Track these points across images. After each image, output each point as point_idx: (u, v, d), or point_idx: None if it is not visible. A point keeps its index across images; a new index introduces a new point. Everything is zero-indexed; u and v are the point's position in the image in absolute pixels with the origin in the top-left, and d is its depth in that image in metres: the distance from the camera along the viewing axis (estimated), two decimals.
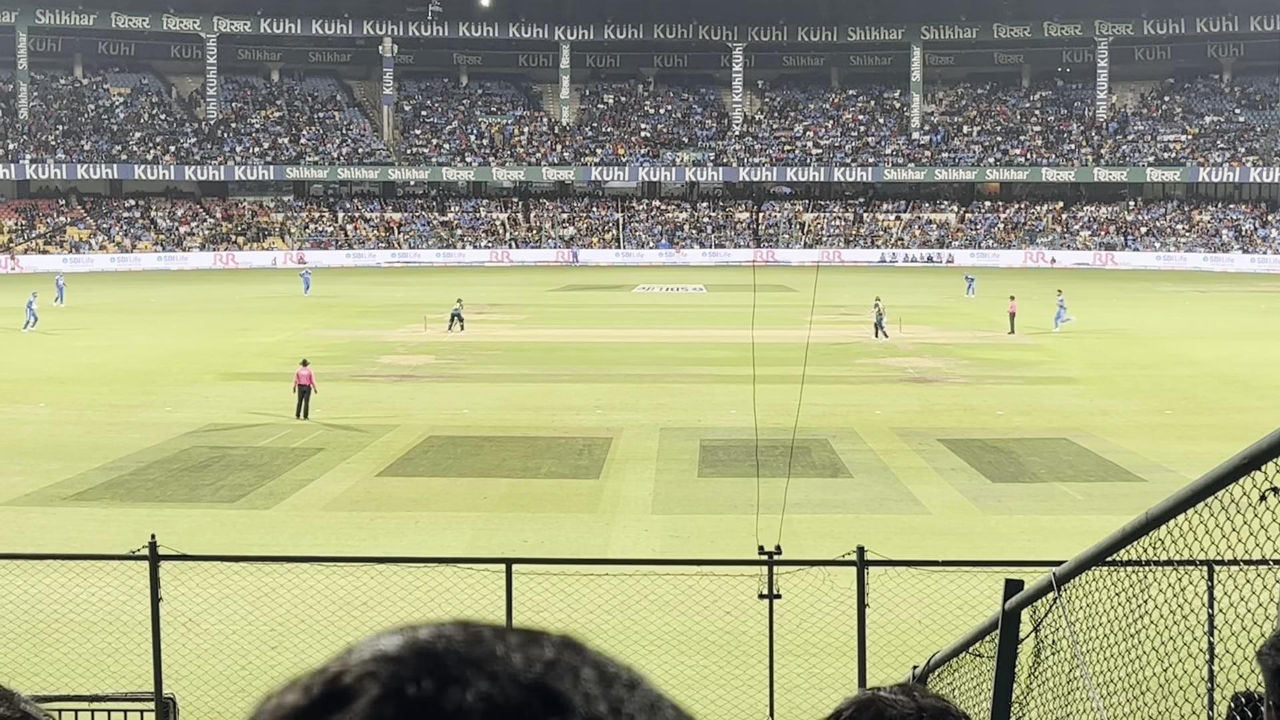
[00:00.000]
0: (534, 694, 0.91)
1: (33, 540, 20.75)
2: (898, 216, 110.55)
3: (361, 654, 0.93)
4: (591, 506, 24.21)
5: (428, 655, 0.92)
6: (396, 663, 0.92)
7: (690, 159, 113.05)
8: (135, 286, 78.03)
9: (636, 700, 0.95)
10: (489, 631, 0.96)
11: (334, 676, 0.92)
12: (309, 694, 0.92)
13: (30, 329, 52.49)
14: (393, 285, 79.29)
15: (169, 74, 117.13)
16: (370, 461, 28.21)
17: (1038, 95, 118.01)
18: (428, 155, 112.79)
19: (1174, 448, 28.94)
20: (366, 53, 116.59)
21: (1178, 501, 4.62)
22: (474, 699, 0.90)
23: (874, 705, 1.87)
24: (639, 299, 72.05)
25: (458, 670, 0.91)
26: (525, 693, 0.91)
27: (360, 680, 0.90)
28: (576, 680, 0.93)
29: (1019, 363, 44.00)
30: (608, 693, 0.94)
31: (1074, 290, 74.39)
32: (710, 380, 39.41)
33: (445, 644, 0.93)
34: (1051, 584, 5.92)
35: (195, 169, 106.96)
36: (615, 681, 0.96)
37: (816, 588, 14.43)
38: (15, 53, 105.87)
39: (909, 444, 29.95)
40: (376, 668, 0.91)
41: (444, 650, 0.93)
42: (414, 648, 0.93)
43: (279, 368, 39.67)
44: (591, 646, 0.98)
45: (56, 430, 31.72)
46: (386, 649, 0.93)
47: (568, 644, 0.97)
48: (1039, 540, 21.04)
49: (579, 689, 0.92)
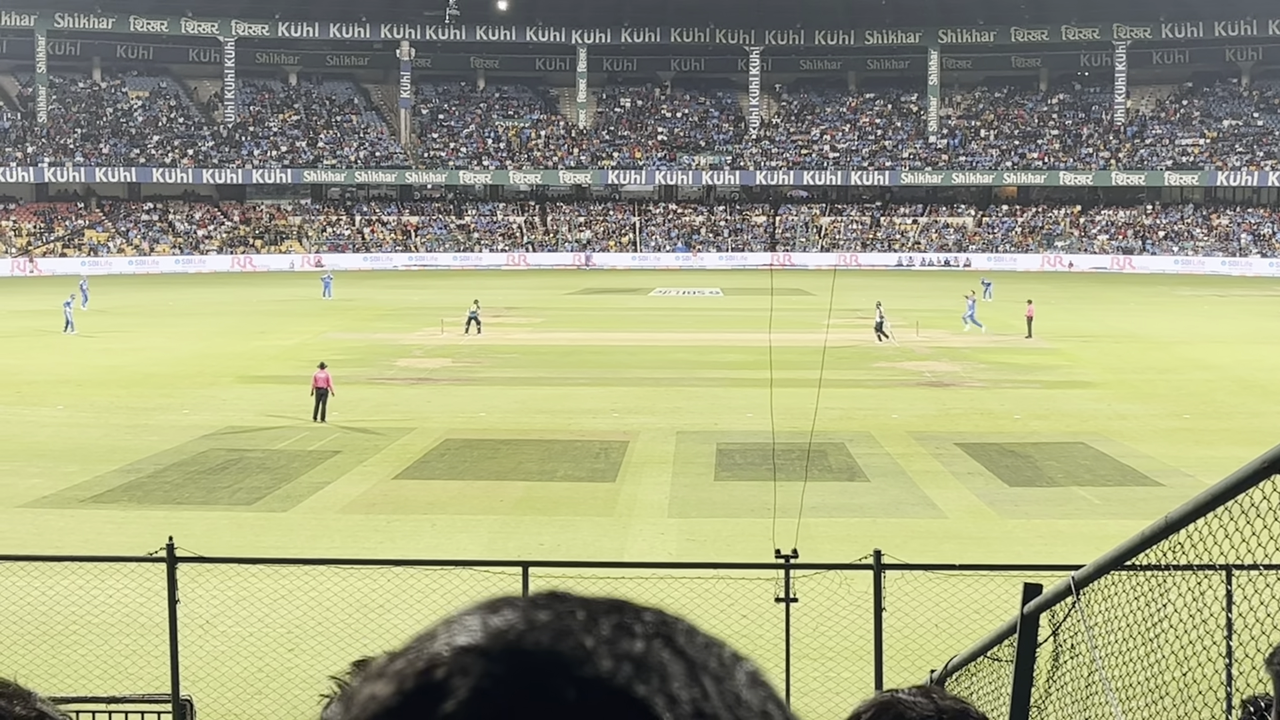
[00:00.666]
0: (618, 701, 0.90)
1: (51, 542, 20.81)
2: (915, 220, 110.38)
3: (449, 641, 0.92)
4: (608, 510, 24.21)
5: (517, 653, 0.91)
6: (486, 658, 0.91)
7: (707, 162, 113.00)
8: (153, 289, 78.21)
9: (724, 695, 0.93)
10: (578, 618, 0.94)
11: (426, 669, 0.91)
12: (402, 687, 0.91)
13: (70, 332, 52.52)
14: (409, 288, 79.36)
15: (187, 77, 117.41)
16: (387, 464, 28.24)
17: (1055, 99, 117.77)
18: (445, 159, 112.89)
19: (1192, 452, 28.85)
20: (384, 56, 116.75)
21: (1197, 506, 4.60)
22: (559, 708, 0.88)
23: (894, 707, 1.86)
24: (655, 302, 72.03)
25: (546, 672, 0.90)
26: (610, 700, 0.90)
27: (451, 677, 0.90)
28: (664, 681, 0.91)
29: (1036, 367, 43.90)
30: (692, 692, 0.92)
31: (1092, 294, 74.29)
32: (727, 384, 39.40)
33: (535, 639, 0.92)
34: (1070, 588, 5.90)
35: (213, 172, 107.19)
36: (703, 675, 0.94)
37: (833, 591, 14.41)
38: (34, 56, 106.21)
39: (926, 448, 29.90)
40: (468, 663, 0.90)
41: (533, 647, 0.91)
42: (503, 641, 0.92)
43: (296, 370, 39.74)
44: (684, 626, 0.97)
45: (74, 433, 31.80)
46: (475, 640, 0.92)
47: (659, 630, 0.96)
48: (1056, 545, 20.99)
49: (665, 690, 0.91)
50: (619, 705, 0.89)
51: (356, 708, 0.93)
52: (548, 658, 0.91)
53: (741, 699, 0.95)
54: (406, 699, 0.91)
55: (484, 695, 0.89)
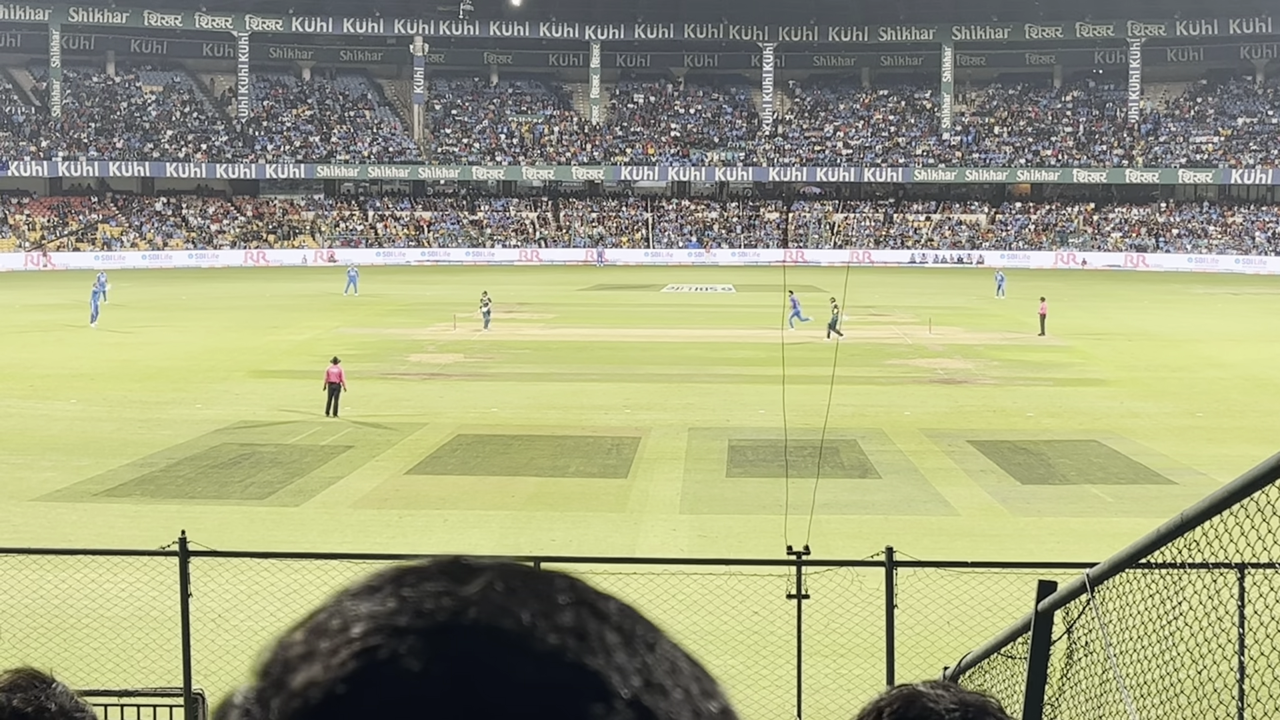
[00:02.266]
0: (576, 676, 0.86)
1: (64, 536, 20.85)
2: (928, 217, 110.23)
3: (375, 620, 0.86)
4: (619, 506, 24.21)
5: (464, 631, 0.85)
6: (436, 639, 0.85)
7: (720, 159, 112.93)
8: (166, 284, 78.33)
9: (660, 663, 0.89)
10: (498, 590, 0.88)
11: (363, 651, 0.85)
12: (328, 671, 0.85)
13: (93, 325, 52.74)
14: (422, 284, 79.40)
15: (201, 72, 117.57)
16: (399, 459, 28.27)
17: (1069, 96, 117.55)
18: (458, 154, 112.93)
19: (1205, 450, 28.80)
20: (397, 51, 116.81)
21: (1212, 504, 4.58)
22: (520, 688, 0.83)
23: (919, 700, 1.84)
24: (668, 299, 72.00)
25: (496, 652, 0.85)
26: (568, 676, 0.85)
27: (397, 659, 0.84)
28: (609, 653, 0.88)
29: (1049, 364, 43.84)
30: (634, 661, 0.88)
31: (1106, 292, 74.21)
32: (739, 380, 39.38)
33: (473, 616, 0.86)
34: (1085, 585, 5.89)
35: (226, 167, 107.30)
36: (636, 644, 0.90)
37: (845, 588, 14.40)
38: (48, 51, 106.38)
39: (938, 445, 29.87)
40: (416, 645, 0.84)
41: (474, 625, 0.86)
42: (445, 620, 0.86)
43: (309, 365, 39.77)
44: (593, 590, 0.93)
45: (87, 426, 31.87)
46: (414, 620, 0.85)
47: (580, 598, 0.91)
48: (1069, 542, 20.96)
49: (613, 662, 0.87)
50: (577, 681, 0.84)
51: (290, 695, 0.86)
52: (490, 634, 0.86)
53: (677, 665, 0.91)
54: (351, 684, 0.84)
55: (444, 679, 0.83)
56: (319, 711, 0.84)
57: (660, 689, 0.88)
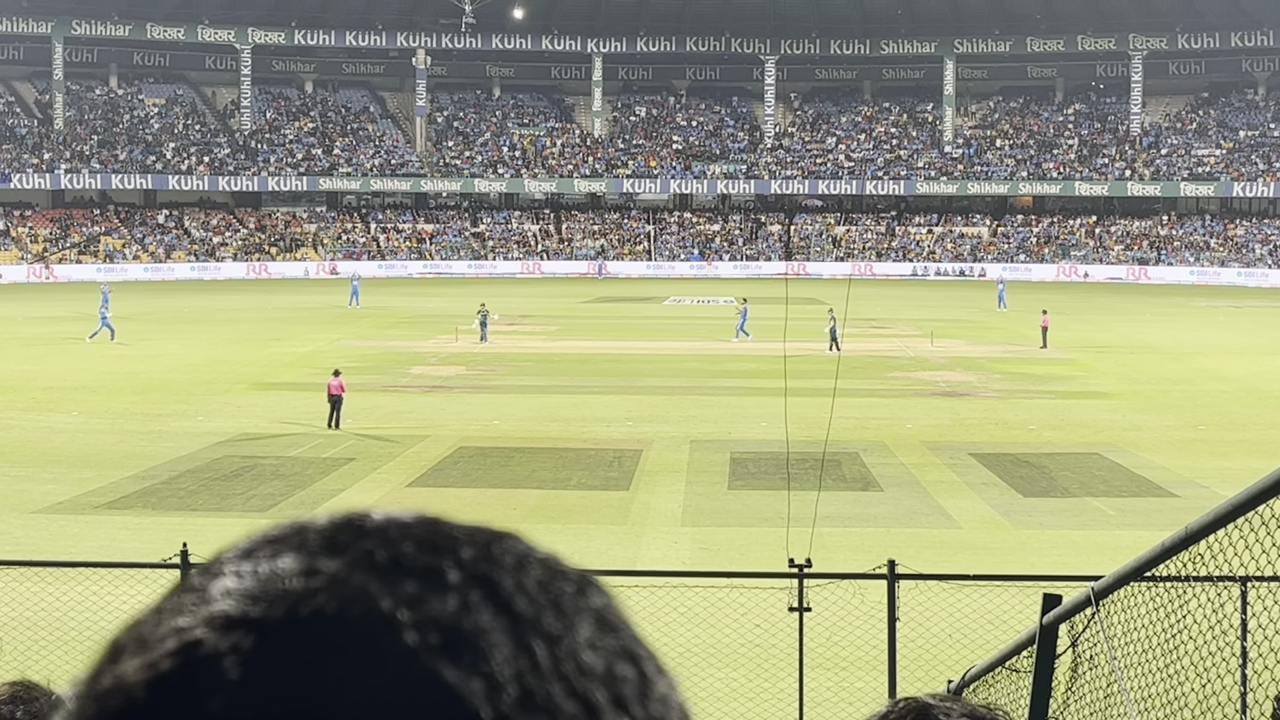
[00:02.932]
0: (424, 690, 0.70)
1: (65, 548, 20.84)
2: (930, 230, 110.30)
3: (208, 606, 0.72)
4: (621, 518, 24.19)
5: (293, 624, 0.70)
6: (252, 633, 0.70)
7: (722, 171, 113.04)
8: (169, 296, 78.36)
9: (559, 664, 0.72)
10: (377, 563, 0.74)
11: (178, 650, 0.71)
12: (147, 673, 0.72)
13: (109, 340, 52.14)
14: (424, 296, 79.40)
15: (203, 85, 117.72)
16: (401, 472, 28.25)
17: (1071, 109, 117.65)
18: (460, 166, 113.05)
19: (1207, 463, 28.77)
20: (400, 64, 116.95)
21: (1217, 517, 4.57)
22: (343, 701, 0.68)
23: (929, 713, 1.82)
24: (670, 311, 72.01)
25: (327, 653, 0.70)
26: (414, 689, 0.69)
27: (207, 662, 0.69)
28: (482, 656, 0.71)
29: (1051, 377, 43.80)
30: (518, 664, 0.71)
31: (1108, 304, 74.18)
32: (741, 393, 39.37)
33: (318, 602, 0.71)
34: (1090, 598, 5.88)
35: (229, 179, 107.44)
36: (533, 638, 0.73)
37: (847, 601, 14.37)
38: (51, 63, 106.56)
39: (940, 458, 29.84)
40: (230, 642, 0.69)
41: (315, 614, 0.70)
42: (276, 606, 0.71)
43: (311, 378, 39.76)
44: (511, 560, 0.77)
45: (89, 439, 31.85)
46: (241, 605, 0.71)
47: (480, 573, 0.76)
48: (1071, 555, 20.93)
49: (482, 670, 0.70)
50: (425, 695, 0.68)
51: (98, 696, 0.75)
52: (332, 630, 0.70)
53: (583, 663, 0.73)
54: (150, 692, 0.70)
55: (246, 689, 0.68)
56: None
57: (550, 710, 0.70)
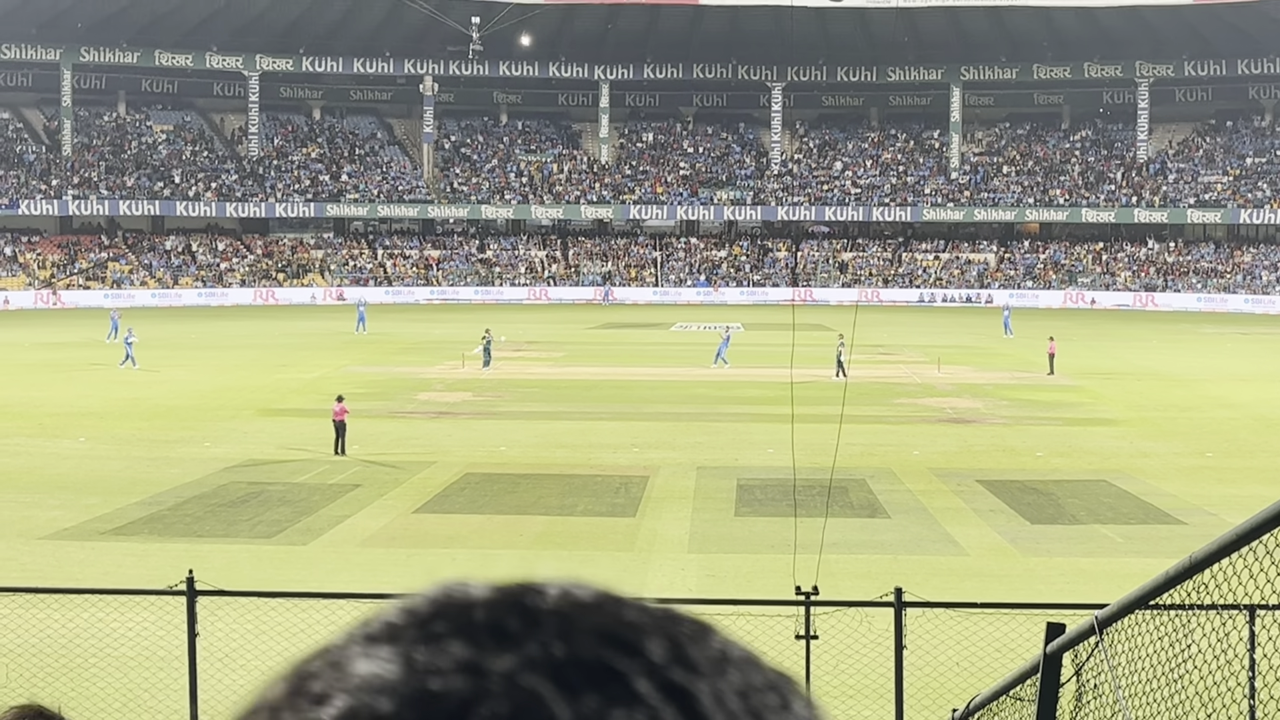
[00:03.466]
0: None
1: (71, 575, 20.83)
2: (936, 256, 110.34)
3: (356, 691, 0.63)
4: (628, 545, 24.16)
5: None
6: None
7: (729, 198, 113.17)
8: (176, 322, 78.45)
9: None
10: (554, 659, 0.63)
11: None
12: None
13: (134, 366, 52.08)
14: (431, 322, 79.48)
15: (211, 111, 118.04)
16: (407, 498, 28.23)
17: (1078, 136, 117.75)
18: (467, 193, 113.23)
19: (1215, 491, 28.72)
20: (407, 91, 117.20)
21: (1221, 546, 4.56)
22: None
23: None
24: (676, 337, 72.04)
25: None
26: None
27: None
28: None
29: (1058, 404, 43.76)
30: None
31: (1115, 331, 74.15)
32: (747, 419, 39.34)
33: (482, 713, 0.61)
34: (1094, 627, 5.87)
35: (236, 205, 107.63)
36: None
37: (853, 629, 14.35)
38: (59, 90, 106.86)
39: (947, 485, 29.80)
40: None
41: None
42: (426, 705, 0.62)
43: (318, 404, 39.78)
44: (708, 664, 0.66)
45: (96, 465, 31.87)
46: (384, 704, 0.62)
47: (671, 680, 0.63)
48: (1078, 583, 20.88)
49: None
50: None
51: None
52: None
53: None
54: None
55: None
56: None
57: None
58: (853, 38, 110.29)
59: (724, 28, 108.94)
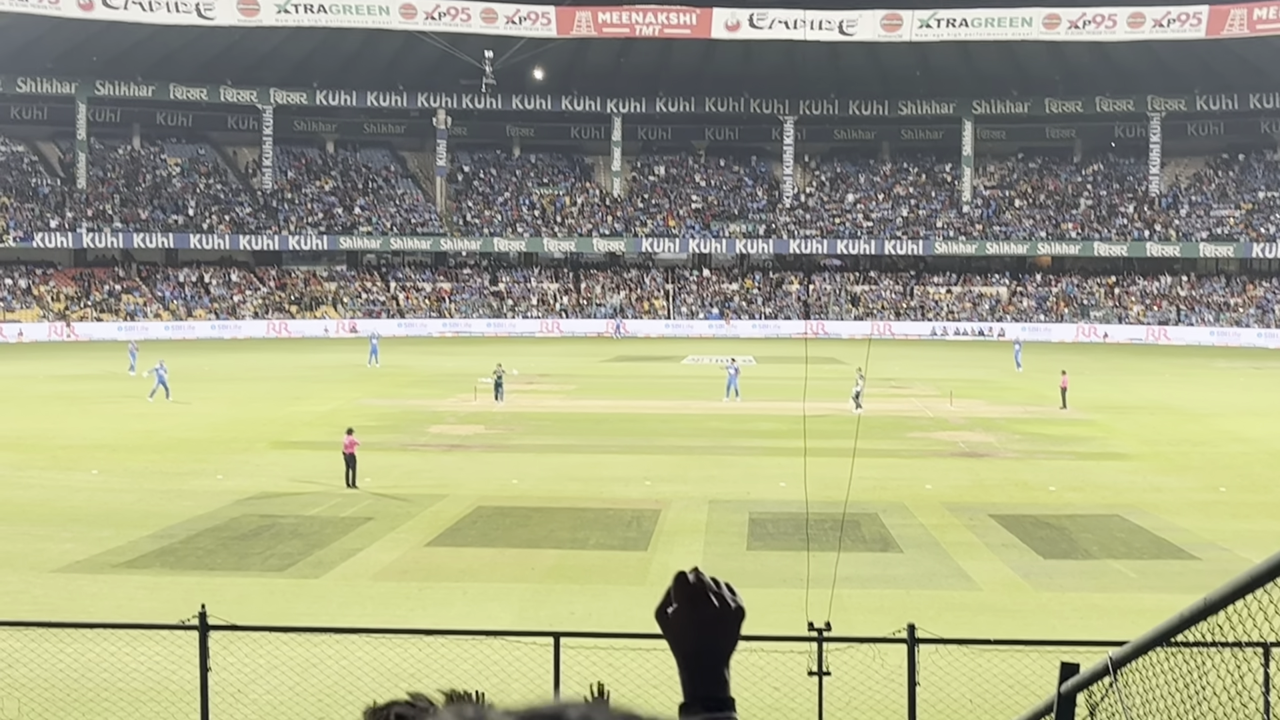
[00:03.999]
0: None
1: (83, 608, 20.84)
2: (949, 289, 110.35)
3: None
4: (640, 579, 24.10)
5: None
6: None
7: (741, 231, 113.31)
8: (189, 354, 78.58)
9: None
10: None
11: None
12: None
13: (166, 399, 52.29)
14: (443, 354, 79.58)
15: (226, 144, 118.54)
16: (419, 531, 28.22)
17: (1090, 169, 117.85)
18: (479, 226, 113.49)
19: (1228, 525, 28.65)
20: (420, 124, 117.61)
21: (1236, 588, 4.54)
22: None
23: None
24: (688, 370, 72.04)
25: None
26: None
27: None
28: None
29: (1071, 438, 43.68)
30: None
31: (1128, 365, 74.06)
32: (760, 453, 39.29)
33: None
34: (1108, 667, 5.85)
35: (250, 238, 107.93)
36: None
37: (866, 665, 14.31)
38: (75, 123, 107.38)
39: (960, 519, 29.73)
40: None
41: None
42: None
43: (330, 436, 39.81)
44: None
45: (108, 497, 31.91)
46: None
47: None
48: (1092, 618, 20.81)
49: None
50: None
51: None
52: None
53: None
54: None
55: None
56: None
57: None
58: (864, 72, 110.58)
59: (736, 62, 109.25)
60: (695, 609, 2.69)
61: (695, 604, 2.65)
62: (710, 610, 2.56)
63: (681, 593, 2.55)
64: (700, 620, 2.55)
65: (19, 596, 22.11)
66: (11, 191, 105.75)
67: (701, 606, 2.56)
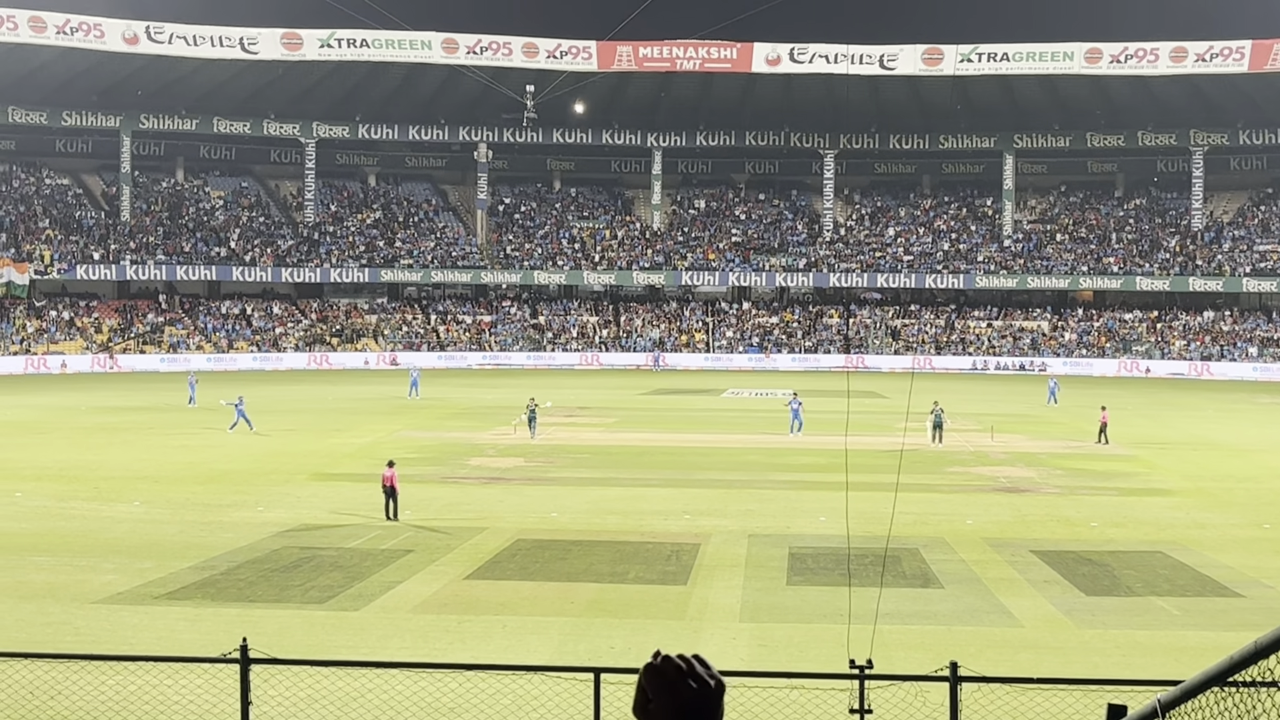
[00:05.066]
0: None
1: (124, 639, 20.91)
2: (989, 324, 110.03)
3: None
4: (679, 613, 24.02)
5: None
6: None
7: (781, 264, 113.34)
8: (231, 386, 78.91)
9: None
10: None
11: None
12: None
13: (244, 430, 52.78)
14: (483, 387, 79.74)
15: (268, 177, 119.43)
16: (459, 564, 28.20)
17: (1132, 204, 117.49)
18: (520, 259, 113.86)
19: (1273, 562, 28.38)
20: (462, 158, 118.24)
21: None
22: None
23: None
24: (728, 404, 71.96)
25: None
26: None
27: None
28: None
29: (1113, 473, 43.41)
30: None
31: (1170, 400, 73.62)
32: (800, 486, 39.18)
33: None
34: (1156, 710, 5.80)
35: (292, 271, 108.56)
36: None
37: (909, 703, 14.22)
38: (119, 156, 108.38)
39: (1001, 555, 29.54)
40: None
41: None
42: None
43: (370, 469, 39.91)
44: None
45: (150, 529, 32.03)
46: None
47: None
48: (1135, 656, 20.63)
49: None
50: None
51: None
52: None
53: None
54: None
55: None
56: None
57: None
58: (905, 105, 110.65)
59: (776, 95, 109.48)
60: (675, 697, 2.55)
61: (674, 692, 2.55)
62: (690, 693, 2.53)
63: (656, 684, 2.53)
64: (683, 708, 2.51)
65: (61, 628, 22.20)
66: (56, 224, 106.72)
67: (681, 692, 2.53)
